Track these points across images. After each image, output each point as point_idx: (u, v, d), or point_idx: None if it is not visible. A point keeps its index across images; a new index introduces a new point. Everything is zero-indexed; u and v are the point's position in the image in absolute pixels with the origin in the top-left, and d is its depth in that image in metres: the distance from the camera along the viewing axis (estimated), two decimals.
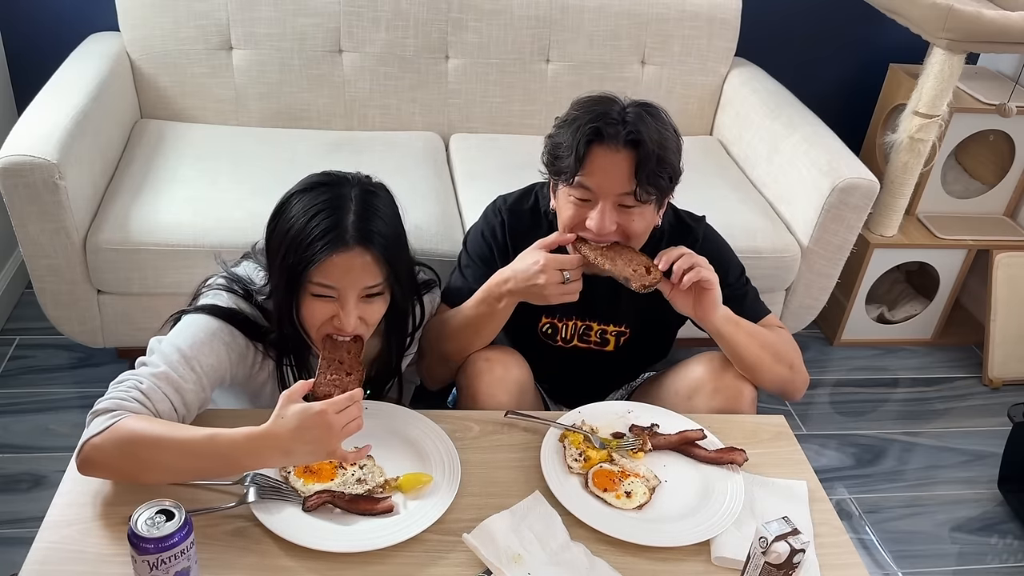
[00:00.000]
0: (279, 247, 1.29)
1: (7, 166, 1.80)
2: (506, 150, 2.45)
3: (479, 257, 1.60)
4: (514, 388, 1.50)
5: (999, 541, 2.14)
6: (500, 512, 1.21)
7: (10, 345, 2.34)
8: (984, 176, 2.80)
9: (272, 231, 1.32)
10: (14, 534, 1.82)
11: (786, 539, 1.05)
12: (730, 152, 2.62)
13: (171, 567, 0.99)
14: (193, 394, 1.24)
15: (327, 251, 1.24)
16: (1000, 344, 2.65)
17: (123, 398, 1.17)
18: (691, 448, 1.38)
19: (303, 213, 1.27)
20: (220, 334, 1.30)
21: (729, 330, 1.48)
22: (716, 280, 1.42)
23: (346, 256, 1.25)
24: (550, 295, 1.42)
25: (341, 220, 1.26)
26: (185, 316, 1.32)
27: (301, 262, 1.25)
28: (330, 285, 1.26)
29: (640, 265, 1.42)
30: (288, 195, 1.32)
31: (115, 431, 1.12)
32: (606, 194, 1.41)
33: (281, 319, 1.33)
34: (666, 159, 1.40)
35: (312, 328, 1.32)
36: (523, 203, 1.62)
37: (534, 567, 1.13)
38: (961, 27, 2.19)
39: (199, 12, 2.32)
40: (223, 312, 1.32)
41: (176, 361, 1.24)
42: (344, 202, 1.28)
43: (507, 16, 2.47)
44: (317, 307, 1.29)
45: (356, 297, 1.28)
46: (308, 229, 1.25)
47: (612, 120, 1.38)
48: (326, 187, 1.30)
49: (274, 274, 1.32)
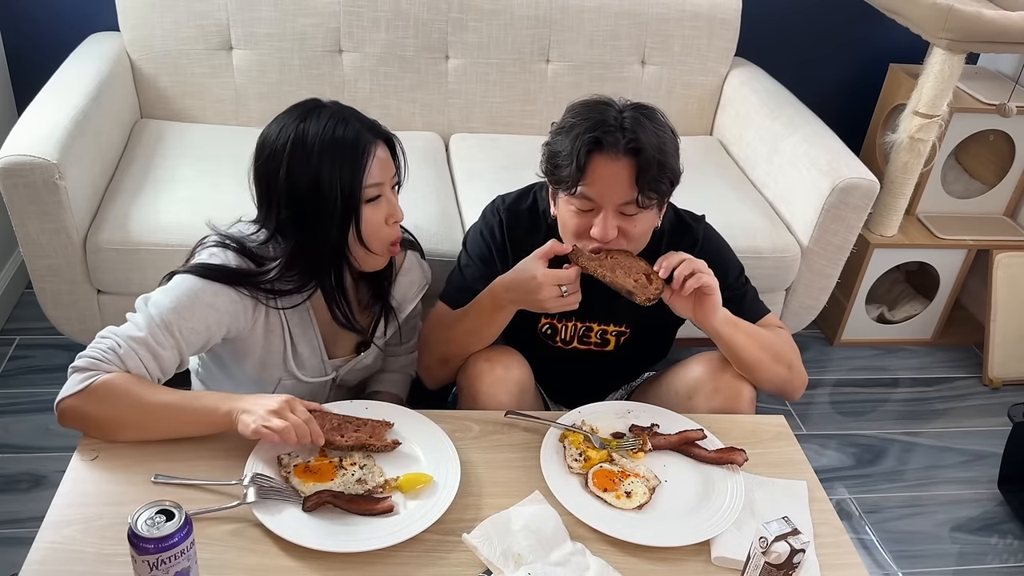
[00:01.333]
0: (316, 180, 1.31)
1: (7, 166, 1.80)
2: (506, 150, 2.45)
3: (478, 257, 1.60)
4: (515, 388, 1.50)
5: (999, 541, 2.14)
6: (500, 512, 1.21)
7: (10, 345, 2.34)
8: (984, 176, 2.80)
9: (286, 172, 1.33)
10: (14, 534, 1.83)
11: (786, 539, 1.05)
12: (730, 152, 2.62)
13: (171, 567, 0.99)
14: (169, 360, 1.30)
15: (371, 147, 1.34)
16: (1000, 344, 2.65)
17: (100, 358, 1.24)
18: (691, 448, 1.38)
19: (321, 132, 1.32)
20: (203, 295, 1.32)
21: (728, 332, 1.48)
22: (717, 285, 1.42)
23: (380, 148, 1.36)
24: (550, 308, 1.42)
25: (355, 126, 1.34)
26: (175, 276, 1.34)
27: (352, 172, 1.32)
28: (379, 182, 1.36)
29: (640, 274, 1.42)
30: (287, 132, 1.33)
31: (92, 391, 1.21)
32: (608, 202, 1.40)
33: (326, 253, 1.37)
34: (666, 164, 1.39)
35: (374, 236, 1.38)
36: (521, 203, 1.62)
37: (534, 567, 1.13)
38: (961, 27, 2.19)
39: (199, 12, 2.32)
40: (211, 271, 1.34)
41: (156, 326, 1.28)
42: (341, 114, 1.35)
43: (507, 16, 2.47)
44: (372, 211, 1.36)
45: (390, 188, 1.39)
46: (338, 137, 1.32)
47: (611, 127, 1.37)
48: (317, 109, 1.36)
49: (311, 204, 1.33)
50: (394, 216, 1.40)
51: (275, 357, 1.45)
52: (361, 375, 1.63)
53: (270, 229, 1.38)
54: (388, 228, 1.39)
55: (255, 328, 1.40)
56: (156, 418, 1.24)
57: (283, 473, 1.24)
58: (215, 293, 1.33)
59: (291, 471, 1.24)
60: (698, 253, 1.57)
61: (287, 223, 1.36)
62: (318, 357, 1.50)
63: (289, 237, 1.37)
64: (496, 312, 1.48)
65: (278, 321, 1.42)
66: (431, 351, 1.59)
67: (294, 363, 1.47)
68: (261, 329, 1.41)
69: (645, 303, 1.41)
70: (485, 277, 1.55)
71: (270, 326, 1.42)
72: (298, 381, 1.49)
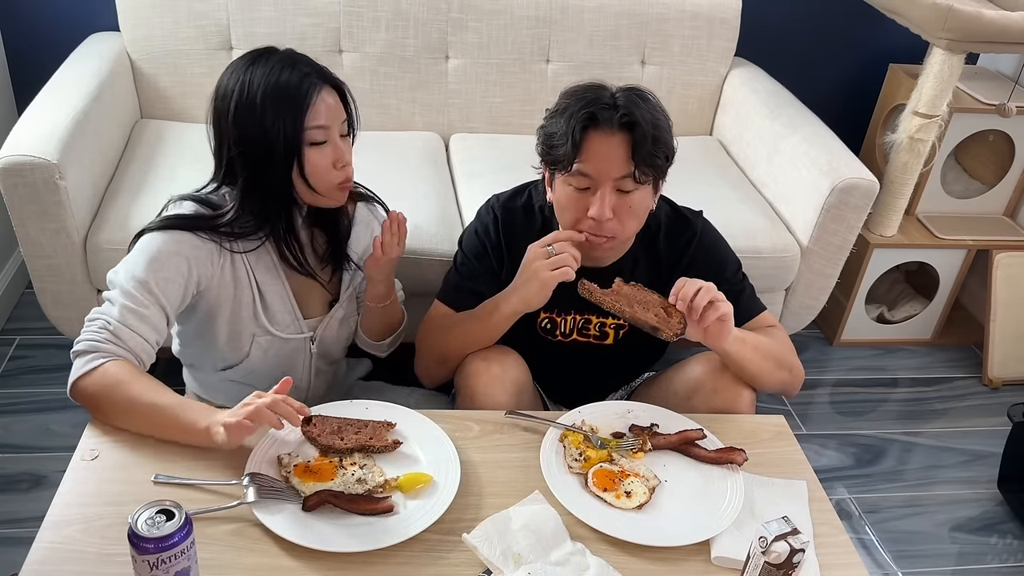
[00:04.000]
0: (260, 120, 1.33)
1: (7, 166, 1.80)
2: (506, 150, 2.45)
3: (473, 254, 1.61)
4: (512, 388, 1.50)
5: (999, 541, 2.14)
6: (500, 512, 1.21)
7: (10, 345, 2.34)
8: (984, 176, 2.80)
9: (233, 115, 1.35)
10: (14, 534, 1.83)
11: (786, 539, 1.05)
12: (730, 152, 2.62)
13: (171, 567, 0.99)
14: (157, 318, 1.34)
15: (315, 91, 1.34)
16: (1000, 344, 2.65)
17: (97, 340, 1.29)
18: (691, 448, 1.38)
19: (265, 81, 1.33)
20: (167, 246, 1.36)
21: (736, 349, 1.47)
22: (731, 310, 1.40)
23: (324, 95, 1.36)
24: (545, 277, 1.42)
25: (303, 70, 1.35)
26: (141, 237, 1.38)
27: (294, 115, 1.33)
28: (324, 125, 1.36)
29: (658, 307, 1.41)
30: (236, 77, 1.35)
31: (98, 378, 1.26)
32: (605, 179, 1.41)
33: (273, 193, 1.38)
34: (661, 138, 1.41)
35: (320, 178, 1.38)
36: (516, 200, 1.63)
37: (534, 567, 1.13)
38: (961, 27, 2.19)
39: (199, 12, 2.32)
40: (167, 221, 1.38)
41: (133, 289, 1.32)
42: (290, 59, 1.37)
43: (507, 16, 2.47)
44: (317, 155, 1.37)
45: (339, 133, 1.39)
46: (282, 87, 1.33)
47: (605, 105, 1.40)
48: (263, 56, 1.37)
49: (258, 153, 1.35)
50: (341, 160, 1.40)
51: (246, 310, 1.47)
52: (340, 340, 1.64)
53: (220, 176, 1.42)
54: (336, 171, 1.40)
55: (223, 276, 1.43)
56: (143, 418, 1.26)
57: (283, 473, 1.24)
58: (177, 241, 1.37)
59: (291, 471, 1.24)
60: (696, 247, 1.58)
61: (236, 165, 1.38)
62: (290, 311, 1.51)
63: (238, 180, 1.39)
64: (493, 311, 1.49)
65: (244, 270, 1.44)
66: (429, 351, 1.59)
67: (264, 317, 1.48)
68: (229, 277, 1.43)
69: (672, 339, 1.40)
70: (480, 274, 1.55)
71: (236, 274, 1.44)
72: (272, 337, 1.51)
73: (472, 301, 1.57)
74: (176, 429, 1.25)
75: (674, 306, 1.40)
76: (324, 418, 1.32)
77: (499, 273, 1.59)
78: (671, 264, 1.59)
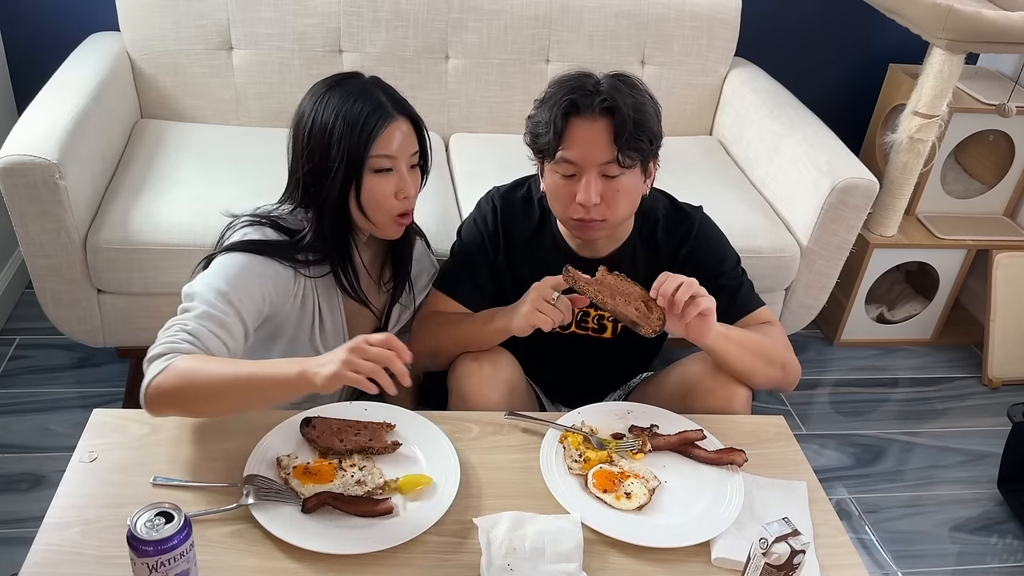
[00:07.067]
0: (328, 141, 1.36)
1: (7, 166, 1.79)
2: (506, 150, 2.45)
3: (470, 242, 1.63)
4: (504, 387, 1.50)
5: (999, 541, 2.14)
6: (527, 512, 1.21)
7: (10, 345, 2.34)
8: (984, 176, 2.80)
9: (307, 134, 1.39)
10: (14, 534, 1.83)
11: (786, 540, 1.05)
12: (730, 152, 2.62)
13: (170, 569, 0.99)
14: (236, 327, 1.31)
15: (387, 119, 1.38)
16: (1000, 344, 2.65)
17: (173, 342, 1.23)
18: (691, 449, 1.38)
19: (340, 105, 1.37)
20: (251, 266, 1.36)
21: (720, 345, 1.46)
22: (714, 305, 1.39)
23: (395, 124, 1.39)
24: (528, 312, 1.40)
25: (379, 98, 1.39)
26: (217, 258, 1.37)
27: (360, 139, 1.36)
28: (390, 154, 1.38)
29: (639, 300, 1.40)
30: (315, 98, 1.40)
31: (171, 371, 1.19)
32: (589, 164, 1.42)
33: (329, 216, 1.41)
34: (643, 123, 1.41)
35: (376, 206, 1.40)
36: (516, 192, 1.65)
37: (521, 565, 1.12)
38: (961, 27, 2.19)
39: (199, 12, 2.32)
40: (253, 245, 1.38)
41: (214, 299, 1.30)
42: (369, 86, 1.42)
43: (507, 16, 2.47)
44: (378, 182, 1.39)
45: (407, 165, 1.41)
46: (355, 113, 1.36)
47: (587, 92, 1.42)
48: (345, 81, 1.42)
49: (322, 174, 1.38)
50: (404, 192, 1.42)
51: (304, 332, 1.48)
52: None
53: (296, 197, 1.44)
54: (396, 202, 1.41)
55: (295, 302, 1.44)
56: (233, 394, 1.20)
57: (282, 475, 1.24)
58: (262, 263, 1.37)
59: (290, 472, 1.24)
60: (693, 240, 1.58)
61: (304, 185, 1.40)
62: (340, 334, 1.52)
63: (308, 201, 1.41)
64: (488, 322, 1.49)
65: (312, 294, 1.46)
66: (423, 342, 1.58)
67: (320, 339, 1.49)
68: (299, 302, 1.45)
69: (650, 335, 1.38)
70: (476, 263, 1.57)
71: (304, 299, 1.46)
72: None
73: (468, 290, 1.58)
74: (272, 388, 1.19)
75: (655, 301, 1.40)
76: (323, 419, 1.32)
77: (496, 263, 1.60)
78: (669, 256, 1.60)
